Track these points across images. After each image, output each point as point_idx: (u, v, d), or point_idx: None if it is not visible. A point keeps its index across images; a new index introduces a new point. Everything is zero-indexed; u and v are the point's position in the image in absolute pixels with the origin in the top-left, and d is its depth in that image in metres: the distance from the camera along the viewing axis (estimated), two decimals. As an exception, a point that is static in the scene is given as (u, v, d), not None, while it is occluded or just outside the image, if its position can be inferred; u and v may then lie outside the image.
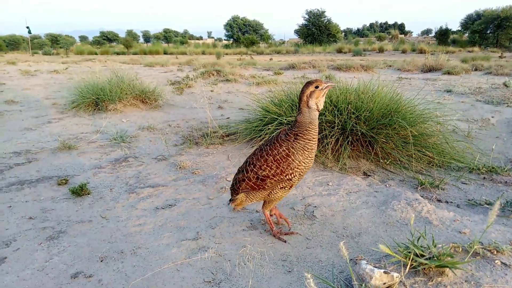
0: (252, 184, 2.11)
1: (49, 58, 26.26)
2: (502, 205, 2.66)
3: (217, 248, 2.19)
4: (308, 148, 2.00)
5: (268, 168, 2.03)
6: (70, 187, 3.07)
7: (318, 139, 3.72)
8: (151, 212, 2.72)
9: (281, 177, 2.03)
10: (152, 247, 2.23)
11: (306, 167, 2.04)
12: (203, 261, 2.06)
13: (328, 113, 3.83)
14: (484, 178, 3.37)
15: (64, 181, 3.26)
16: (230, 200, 2.33)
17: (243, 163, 2.23)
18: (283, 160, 2.00)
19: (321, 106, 2.03)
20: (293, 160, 1.99)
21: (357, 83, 4.47)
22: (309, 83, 2.01)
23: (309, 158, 2.02)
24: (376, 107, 3.84)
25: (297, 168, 2.01)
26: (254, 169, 2.08)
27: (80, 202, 2.90)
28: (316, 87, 2.00)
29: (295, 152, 1.99)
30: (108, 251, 2.20)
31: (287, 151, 1.99)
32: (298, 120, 2.02)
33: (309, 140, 2.00)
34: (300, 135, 2.00)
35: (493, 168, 3.48)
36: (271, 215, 2.46)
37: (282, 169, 2.01)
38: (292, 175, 2.03)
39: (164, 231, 2.43)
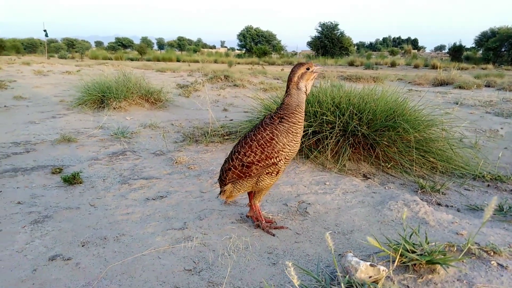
0: (238, 172, 2.04)
1: (64, 61, 26.72)
2: (505, 210, 2.54)
3: (203, 238, 2.12)
4: (292, 132, 1.93)
5: (253, 154, 1.96)
6: (62, 175, 3.04)
7: (318, 139, 3.65)
8: (141, 202, 2.66)
9: (267, 162, 1.96)
10: (137, 235, 2.17)
11: (291, 151, 1.97)
12: (186, 249, 1.99)
13: (330, 113, 3.76)
14: (489, 185, 3.24)
15: (58, 170, 3.23)
16: (219, 192, 2.26)
17: (229, 153, 2.17)
18: (267, 144, 1.93)
19: (309, 90, 1.98)
20: (277, 143, 1.92)
21: (362, 87, 4.39)
22: (300, 64, 1.96)
23: (293, 141, 1.95)
24: (380, 110, 3.75)
25: (282, 151, 1.94)
26: (239, 157, 2.02)
27: (71, 190, 2.86)
28: (307, 68, 1.95)
29: (279, 135, 1.92)
30: (91, 236, 2.14)
31: (270, 134, 1.93)
32: (285, 102, 1.96)
33: (293, 123, 1.93)
34: (286, 118, 1.93)
35: (498, 176, 3.35)
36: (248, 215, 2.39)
37: (267, 153, 1.94)
38: (278, 159, 1.96)
39: (151, 220, 2.37)
